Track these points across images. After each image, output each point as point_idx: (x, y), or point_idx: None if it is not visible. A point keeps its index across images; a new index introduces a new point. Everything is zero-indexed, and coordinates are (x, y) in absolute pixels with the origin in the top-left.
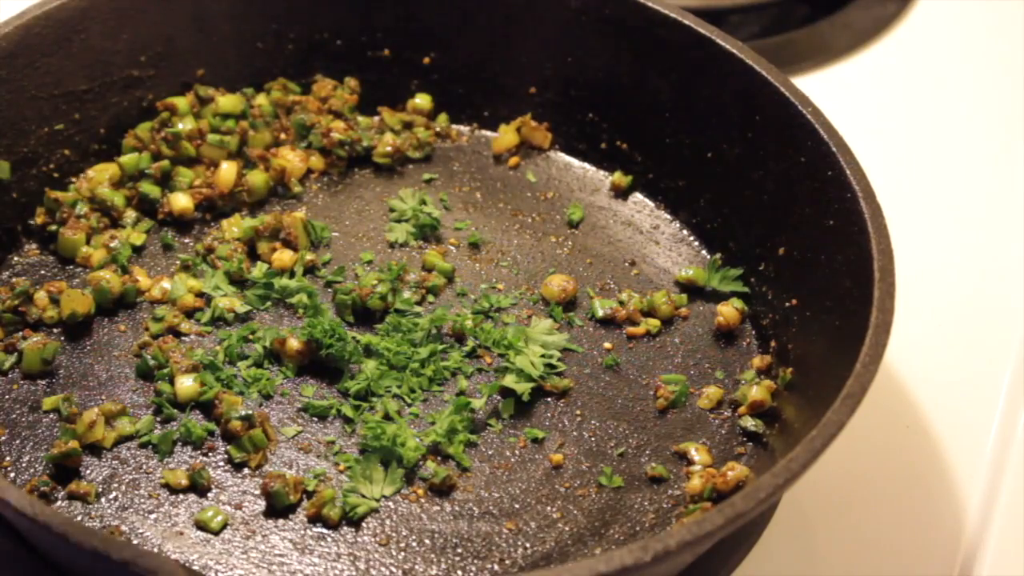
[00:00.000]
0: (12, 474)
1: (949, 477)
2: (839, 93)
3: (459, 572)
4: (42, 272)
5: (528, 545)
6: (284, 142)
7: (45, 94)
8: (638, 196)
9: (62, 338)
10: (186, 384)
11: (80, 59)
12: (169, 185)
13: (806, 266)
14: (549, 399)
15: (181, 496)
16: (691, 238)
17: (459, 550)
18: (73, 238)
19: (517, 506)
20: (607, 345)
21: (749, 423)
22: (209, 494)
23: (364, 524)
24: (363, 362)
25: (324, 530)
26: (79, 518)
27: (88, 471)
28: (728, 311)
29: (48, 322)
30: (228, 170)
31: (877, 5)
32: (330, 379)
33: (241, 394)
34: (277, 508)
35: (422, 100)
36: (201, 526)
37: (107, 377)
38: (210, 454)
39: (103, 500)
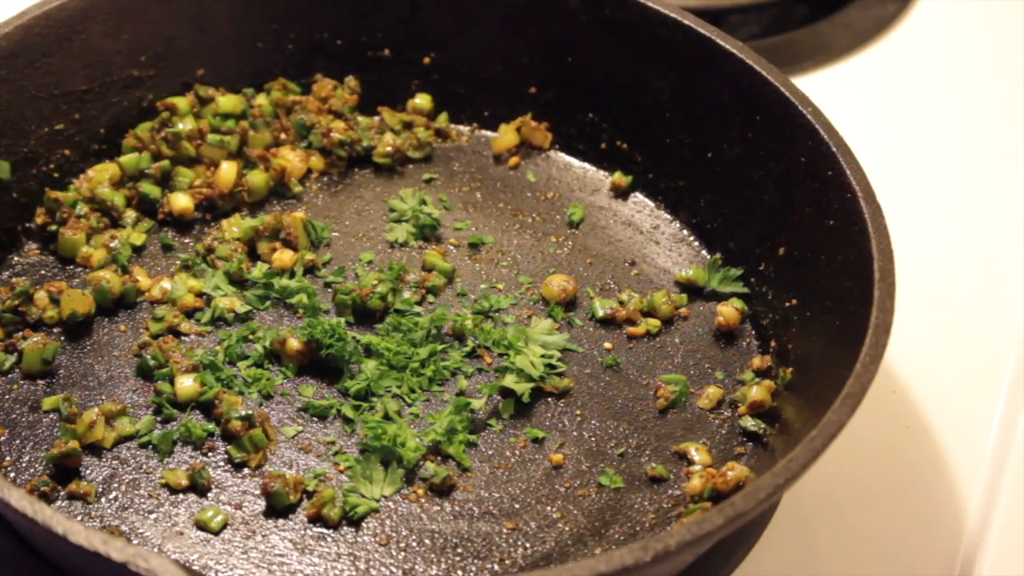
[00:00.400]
0: (12, 474)
1: (949, 477)
2: (839, 93)
3: (459, 572)
4: (42, 272)
5: (528, 545)
6: (284, 142)
7: (45, 94)
8: (638, 196)
9: (62, 338)
10: (186, 384)
11: (80, 59)
12: (169, 185)
13: (806, 266)
14: (549, 399)
15: (181, 496)
16: (691, 238)
17: (459, 550)
18: (73, 238)
19: (517, 506)
20: (607, 345)
21: (749, 423)
22: (209, 494)
23: (364, 524)
24: (363, 362)
25: (324, 530)
26: (79, 518)
27: (88, 471)
28: (728, 311)
29: (48, 322)
30: (228, 170)
31: (877, 5)
32: (330, 379)
33: (241, 394)
34: (277, 508)
35: (422, 100)
36: (201, 526)
37: (107, 377)
38: (210, 454)
39: (103, 500)
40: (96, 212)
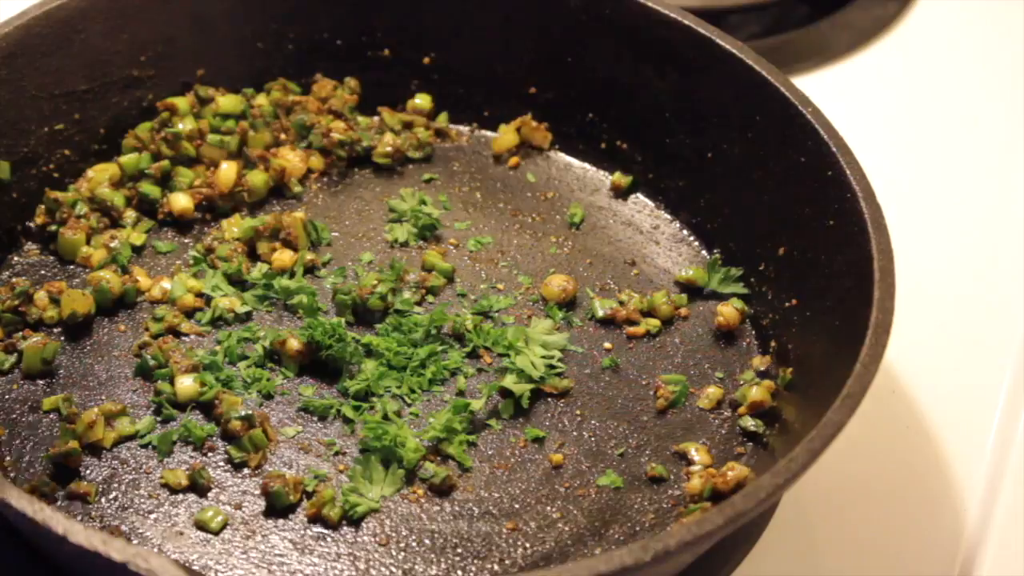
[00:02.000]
0: (12, 474)
1: (949, 477)
2: (839, 93)
3: (459, 572)
4: (42, 272)
5: (528, 545)
6: (284, 142)
7: (45, 94)
8: (638, 196)
9: (62, 338)
10: (186, 384)
11: (80, 59)
12: (169, 185)
13: (806, 266)
14: (549, 399)
15: (181, 496)
16: (691, 238)
17: (459, 550)
18: (73, 238)
19: (517, 506)
20: (607, 345)
21: (749, 423)
22: (209, 494)
23: (364, 524)
24: (363, 362)
25: (324, 530)
26: (79, 518)
27: (88, 471)
28: (728, 311)
29: (48, 322)
30: (228, 170)
31: (877, 5)
32: (330, 379)
33: (241, 394)
34: (277, 508)
35: (422, 100)
36: (201, 526)
37: (107, 377)
38: (210, 454)
39: (103, 500)
40: (96, 212)
